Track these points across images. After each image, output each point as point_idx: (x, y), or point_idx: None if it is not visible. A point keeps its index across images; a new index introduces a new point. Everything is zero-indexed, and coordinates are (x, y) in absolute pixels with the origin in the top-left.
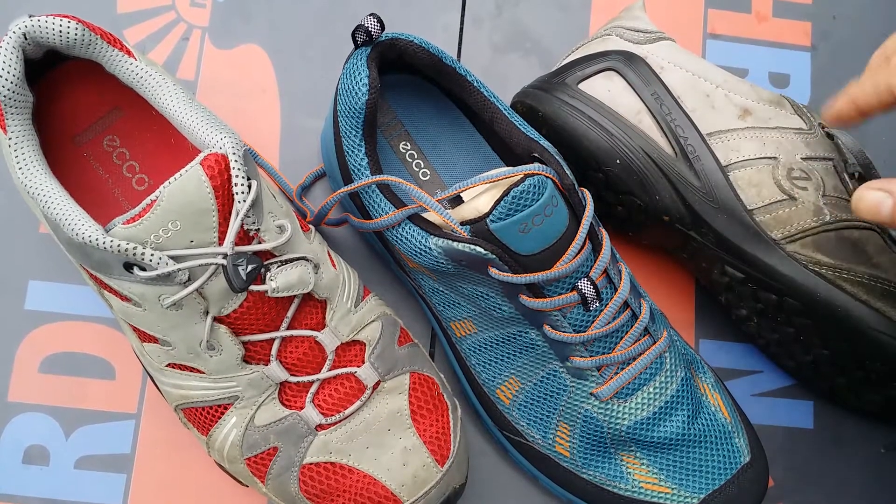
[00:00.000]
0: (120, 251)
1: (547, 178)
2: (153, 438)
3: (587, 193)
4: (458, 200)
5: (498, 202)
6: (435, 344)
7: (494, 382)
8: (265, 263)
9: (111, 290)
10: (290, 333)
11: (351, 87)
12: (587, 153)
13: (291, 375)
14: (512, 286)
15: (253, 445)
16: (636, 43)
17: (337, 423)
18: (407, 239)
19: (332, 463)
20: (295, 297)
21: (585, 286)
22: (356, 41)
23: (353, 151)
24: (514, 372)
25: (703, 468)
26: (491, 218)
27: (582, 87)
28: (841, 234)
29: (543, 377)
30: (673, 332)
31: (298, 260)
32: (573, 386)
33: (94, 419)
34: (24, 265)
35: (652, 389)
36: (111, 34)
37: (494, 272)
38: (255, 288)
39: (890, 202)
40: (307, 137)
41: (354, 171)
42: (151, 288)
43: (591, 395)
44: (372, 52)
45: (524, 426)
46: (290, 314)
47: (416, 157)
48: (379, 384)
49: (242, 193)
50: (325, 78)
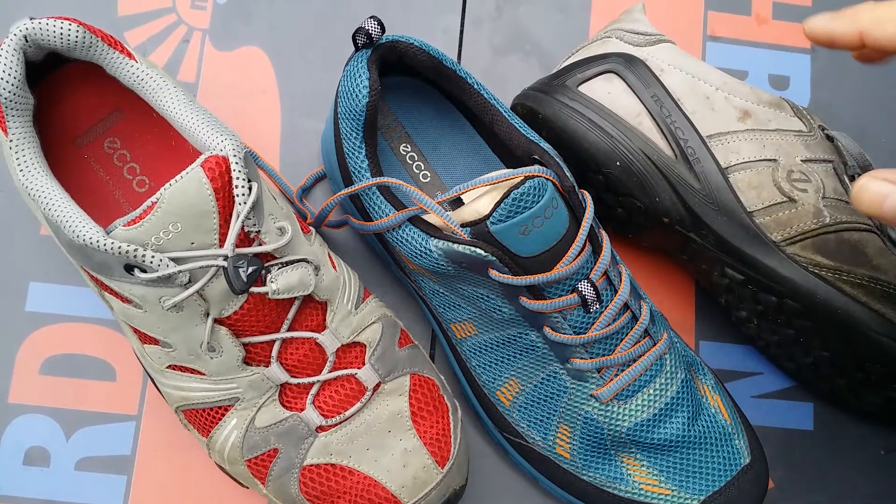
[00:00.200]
0: (121, 253)
1: (547, 180)
2: (154, 440)
3: (587, 195)
4: (458, 202)
5: (498, 204)
6: (435, 345)
7: (495, 384)
8: (266, 265)
9: (112, 291)
10: (290, 335)
11: (351, 89)
12: (587, 155)
13: (292, 377)
14: (512, 288)
15: (253, 447)
16: (636, 45)
17: (337, 424)
18: (407, 241)
19: (332, 464)
20: (295, 298)
21: (586, 288)
22: (356, 43)
23: (353, 153)
24: (514, 373)
25: (703, 470)
26: (491, 220)
27: (582, 89)
28: (840, 236)
29: (544, 379)
30: (673, 333)
31: (299, 262)
32: (573, 388)
33: (94, 421)
34: (24, 267)
35: (652, 391)
36: (112, 36)
37: (495, 274)
38: (255, 290)
39: (893, 198)
40: (308, 139)
41: (355, 172)
42: (152, 290)
43: (591, 396)
44: (372, 54)
45: (524, 428)
46: (290, 316)
47: (416, 159)
48: (379, 386)
49: (243, 195)
50: (325, 80)
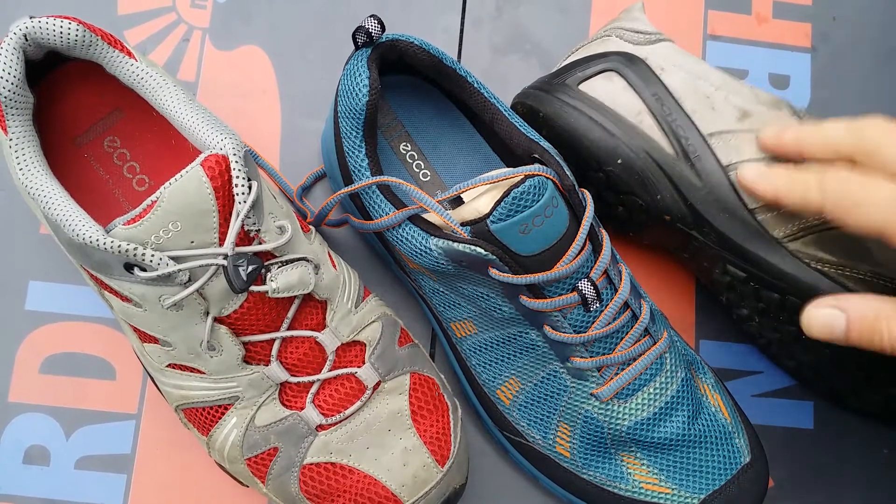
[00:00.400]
0: (120, 252)
1: (547, 178)
2: (153, 439)
3: (587, 194)
4: (458, 201)
5: (498, 203)
6: (435, 344)
7: (495, 383)
8: (265, 264)
9: (112, 290)
10: (290, 334)
11: (351, 88)
12: (588, 153)
13: (292, 376)
14: (512, 287)
15: (253, 446)
16: (636, 44)
17: (337, 423)
18: (407, 240)
19: (332, 463)
20: (295, 297)
21: (586, 287)
22: (356, 42)
23: (353, 152)
24: (514, 372)
25: (703, 468)
26: (491, 219)
27: (582, 87)
28: (843, 231)
29: (544, 378)
30: (673, 332)
31: (299, 260)
32: (573, 386)
33: (94, 419)
34: (24, 266)
35: (652, 390)
36: (112, 35)
37: (495, 273)
38: (255, 288)
39: (842, 320)
40: (307, 138)
41: (355, 171)
42: (152, 288)
43: (591, 395)
44: (372, 53)
45: (524, 426)
46: (290, 315)
47: (416, 157)
48: (379, 384)
49: (243, 194)
50: (325, 79)
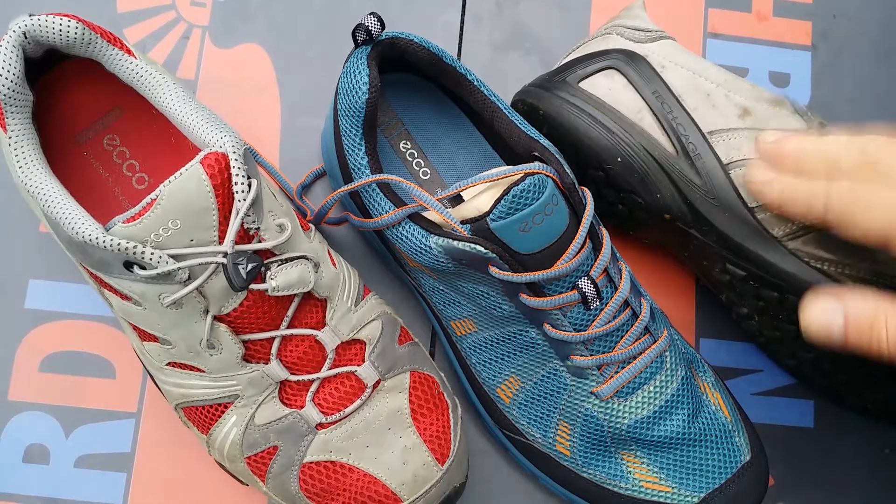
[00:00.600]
0: (120, 250)
1: (547, 176)
2: (153, 437)
3: (587, 192)
4: (458, 199)
5: (498, 201)
6: (435, 343)
7: (495, 381)
8: (265, 262)
9: (111, 288)
10: (290, 332)
11: (351, 85)
12: (588, 151)
13: (291, 374)
14: (512, 285)
15: (253, 444)
16: (637, 42)
17: (337, 421)
18: (407, 238)
19: (332, 462)
20: (295, 295)
21: (586, 285)
22: (356, 40)
23: (353, 150)
24: (514, 371)
25: (703, 467)
26: (491, 217)
27: (583, 85)
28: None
29: (544, 376)
30: (673, 331)
31: (299, 259)
32: (573, 385)
33: (94, 418)
34: (24, 264)
35: (652, 388)
36: (111, 33)
37: (495, 271)
38: (255, 287)
39: (840, 318)
40: (307, 136)
41: (354, 169)
42: (151, 287)
43: (591, 393)
44: (372, 50)
45: (524, 425)
46: (290, 313)
47: (416, 156)
48: (379, 383)
49: (242, 192)
50: (325, 77)
